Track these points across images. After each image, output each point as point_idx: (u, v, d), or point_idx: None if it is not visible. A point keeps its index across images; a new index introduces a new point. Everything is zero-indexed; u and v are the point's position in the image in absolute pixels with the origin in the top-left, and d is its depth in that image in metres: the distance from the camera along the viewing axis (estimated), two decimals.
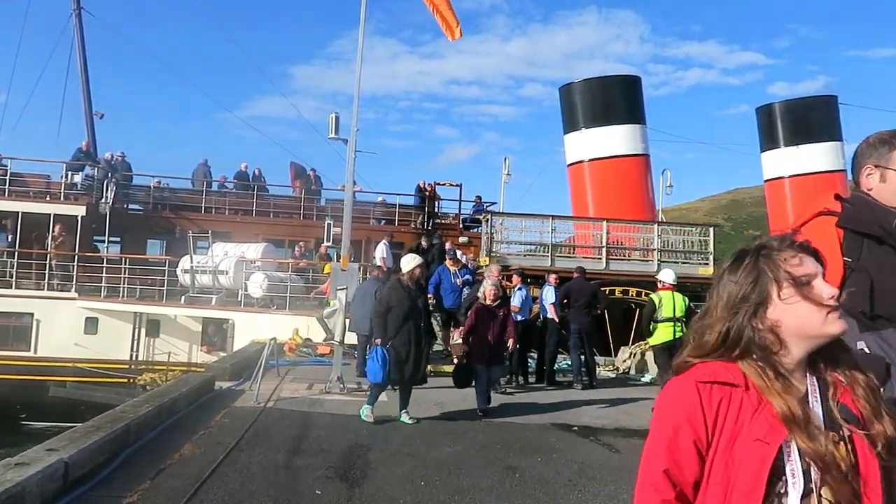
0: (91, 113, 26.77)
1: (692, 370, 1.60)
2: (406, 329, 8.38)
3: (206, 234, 21.68)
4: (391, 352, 8.25)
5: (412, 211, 25.68)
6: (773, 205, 30.33)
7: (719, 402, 1.53)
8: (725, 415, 1.53)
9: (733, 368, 1.57)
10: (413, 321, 8.48)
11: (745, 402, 1.53)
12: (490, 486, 5.82)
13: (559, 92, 27.38)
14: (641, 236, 20.79)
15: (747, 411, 1.52)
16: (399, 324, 8.36)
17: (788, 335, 1.56)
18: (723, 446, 1.52)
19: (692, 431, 1.53)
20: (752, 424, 1.51)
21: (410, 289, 8.63)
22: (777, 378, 1.55)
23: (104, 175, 23.11)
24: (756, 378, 1.55)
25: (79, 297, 20.49)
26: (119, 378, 18.97)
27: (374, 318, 8.74)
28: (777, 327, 1.56)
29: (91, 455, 5.58)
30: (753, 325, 1.57)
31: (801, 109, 29.39)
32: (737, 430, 1.52)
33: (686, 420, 1.53)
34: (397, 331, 8.34)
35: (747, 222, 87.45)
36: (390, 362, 8.21)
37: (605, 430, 8.50)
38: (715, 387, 1.55)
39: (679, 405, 1.55)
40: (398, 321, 8.37)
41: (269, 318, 18.36)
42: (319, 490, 5.49)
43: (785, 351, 1.57)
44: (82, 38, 26.91)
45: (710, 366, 1.57)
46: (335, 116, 10.97)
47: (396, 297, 8.49)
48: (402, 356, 8.31)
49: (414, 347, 8.42)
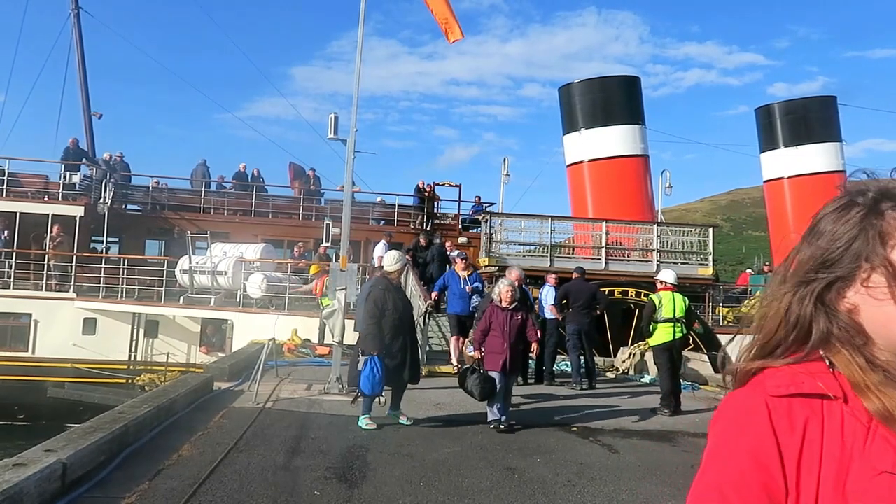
0: (89, 113, 26.78)
1: (760, 378, 1.11)
2: (402, 333, 8.14)
3: (205, 234, 21.66)
4: (387, 358, 7.99)
5: (411, 211, 25.68)
6: (772, 205, 30.36)
7: (805, 424, 1.04)
8: (820, 443, 1.03)
9: (821, 371, 1.09)
10: (408, 324, 8.30)
11: (847, 419, 1.04)
12: (489, 486, 5.81)
13: (559, 92, 27.41)
14: (641, 237, 20.79)
15: (856, 433, 1.04)
16: (395, 328, 8.08)
17: (872, 333, 1.09)
18: (825, 490, 1.02)
19: (760, 474, 1.03)
20: (868, 451, 1.02)
21: (401, 290, 8.42)
22: (872, 369, 1.06)
23: (102, 175, 23.10)
24: (845, 368, 1.07)
25: (77, 297, 20.47)
26: (117, 379, 18.96)
27: (366, 324, 8.09)
28: (856, 315, 1.09)
29: (89, 456, 5.57)
30: (825, 304, 1.11)
31: (801, 110, 29.43)
32: (845, 463, 1.02)
33: (750, 456, 1.04)
34: (393, 336, 8.06)
35: (747, 223, 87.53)
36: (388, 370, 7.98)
37: (604, 430, 8.49)
38: (796, 402, 1.06)
39: (741, 434, 1.06)
40: (394, 325, 8.08)
41: (267, 319, 18.33)
42: (318, 491, 5.48)
43: (872, 346, 1.08)
44: (81, 38, 26.93)
45: (787, 372, 1.09)
46: (334, 117, 10.96)
47: (391, 300, 8.16)
48: (400, 361, 8.09)
49: (410, 351, 8.25)
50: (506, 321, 8.32)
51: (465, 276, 12.70)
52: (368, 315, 8.06)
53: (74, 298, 20.42)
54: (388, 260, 8.71)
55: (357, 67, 11.28)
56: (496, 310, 8.45)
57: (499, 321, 8.33)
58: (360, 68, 11.28)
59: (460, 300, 12.59)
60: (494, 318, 8.38)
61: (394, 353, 8.04)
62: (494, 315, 8.40)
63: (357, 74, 11.26)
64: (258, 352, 11.24)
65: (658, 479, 6.13)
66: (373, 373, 7.79)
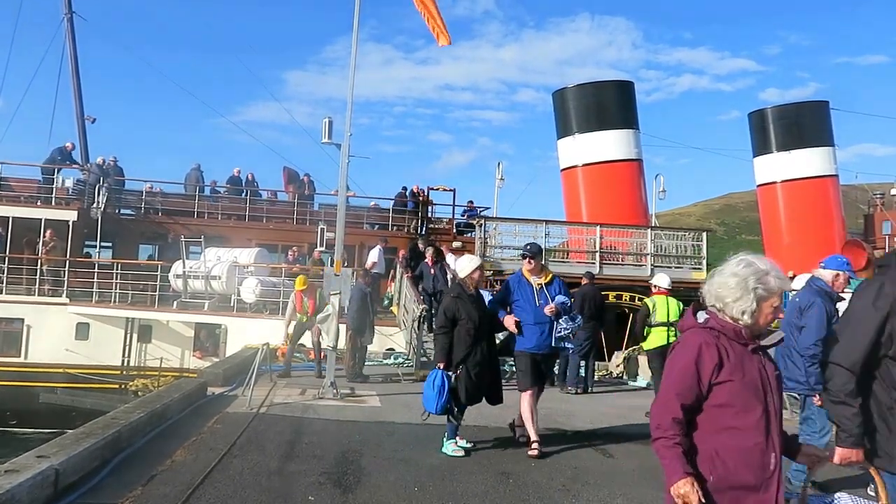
0: (83, 117, 26.72)
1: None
2: (477, 346, 7.11)
3: (199, 238, 21.61)
4: (463, 376, 7.04)
5: (405, 216, 25.68)
6: (765, 209, 30.46)
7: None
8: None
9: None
10: (486, 335, 7.27)
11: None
12: (484, 491, 5.80)
13: (553, 97, 27.46)
14: (635, 241, 20.86)
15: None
16: (470, 340, 7.07)
17: None
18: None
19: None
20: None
21: (476, 296, 7.36)
22: None
23: (96, 180, 23.02)
24: None
25: (70, 302, 20.38)
26: (110, 384, 18.88)
27: (435, 335, 7.37)
28: None
29: (82, 462, 5.54)
30: None
31: (794, 115, 29.53)
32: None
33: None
34: (469, 349, 7.06)
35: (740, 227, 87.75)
36: (459, 389, 7.03)
37: (598, 434, 8.49)
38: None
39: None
40: (469, 337, 7.07)
41: (261, 324, 18.30)
42: (312, 496, 5.46)
43: None
44: (74, 42, 26.87)
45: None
46: (328, 121, 10.96)
47: (464, 309, 7.15)
48: (478, 379, 7.11)
49: (488, 367, 7.25)
50: None
51: (542, 286, 7.49)
52: (436, 325, 7.38)
53: (67, 303, 20.33)
54: (461, 264, 7.64)
55: (351, 72, 11.29)
56: None
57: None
58: (355, 73, 11.30)
59: (535, 328, 7.31)
60: None
61: (469, 369, 7.07)
62: None
63: (351, 79, 11.27)
64: (252, 356, 11.22)
65: (653, 483, 6.11)
66: (432, 388, 6.96)
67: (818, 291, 6.03)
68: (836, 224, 28.24)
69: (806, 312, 5.96)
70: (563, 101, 26.58)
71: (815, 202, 27.97)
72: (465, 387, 7.02)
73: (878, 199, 35.34)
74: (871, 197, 36.52)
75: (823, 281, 6.09)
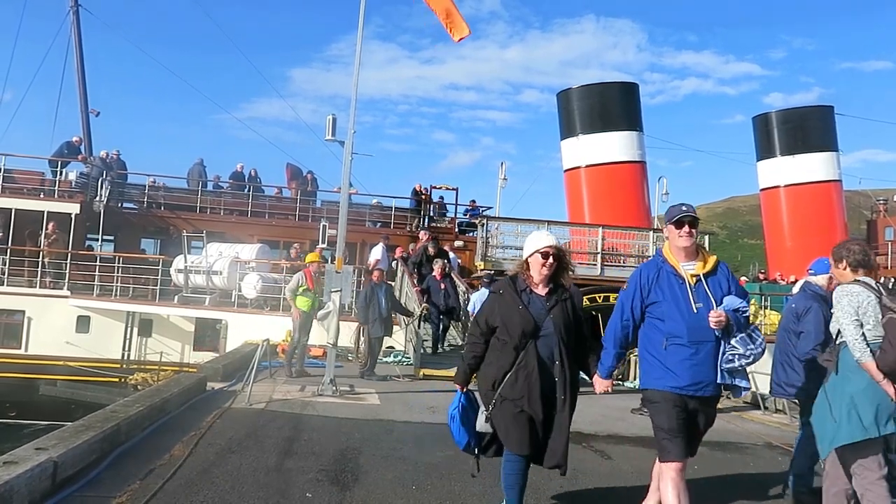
0: (87, 110, 26.75)
1: None
2: (526, 365, 4.56)
3: (201, 234, 21.64)
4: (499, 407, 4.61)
5: (408, 214, 25.68)
6: (768, 213, 30.44)
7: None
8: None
9: None
10: (544, 351, 4.61)
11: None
12: (482, 491, 5.79)
13: (557, 98, 27.47)
14: (637, 243, 20.80)
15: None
16: (512, 355, 4.61)
17: None
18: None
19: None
20: None
21: (536, 294, 4.74)
22: None
23: (99, 173, 23.04)
24: None
25: (71, 295, 20.39)
26: (110, 377, 18.89)
27: (466, 343, 5.35)
28: None
29: (81, 455, 5.54)
30: None
31: (798, 119, 29.51)
32: None
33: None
34: (510, 367, 4.60)
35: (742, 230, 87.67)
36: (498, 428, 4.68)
37: (596, 436, 8.48)
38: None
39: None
40: (510, 351, 4.61)
41: (262, 320, 18.33)
42: (310, 493, 5.46)
43: None
44: (79, 35, 26.90)
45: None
46: (332, 118, 10.96)
47: (505, 310, 4.70)
48: (517, 413, 4.56)
49: (543, 402, 4.57)
50: None
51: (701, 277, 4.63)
52: (468, 334, 5.32)
53: (68, 296, 20.34)
54: (527, 242, 5.03)
55: (356, 70, 11.29)
56: None
57: None
58: (359, 71, 11.29)
59: (687, 349, 4.40)
60: None
61: (511, 399, 4.58)
62: None
63: (356, 77, 11.26)
64: (252, 352, 11.22)
65: None
66: (452, 413, 4.98)
67: (814, 296, 6.03)
68: (838, 229, 28.19)
69: (803, 318, 5.96)
70: (568, 102, 26.58)
71: (819, 207, 27.93)
72: (505, 429, 4.64)
73: (881, 205, 35.27)
74: (875, 202, 36.46)
75: (818, 285, 6.09)
